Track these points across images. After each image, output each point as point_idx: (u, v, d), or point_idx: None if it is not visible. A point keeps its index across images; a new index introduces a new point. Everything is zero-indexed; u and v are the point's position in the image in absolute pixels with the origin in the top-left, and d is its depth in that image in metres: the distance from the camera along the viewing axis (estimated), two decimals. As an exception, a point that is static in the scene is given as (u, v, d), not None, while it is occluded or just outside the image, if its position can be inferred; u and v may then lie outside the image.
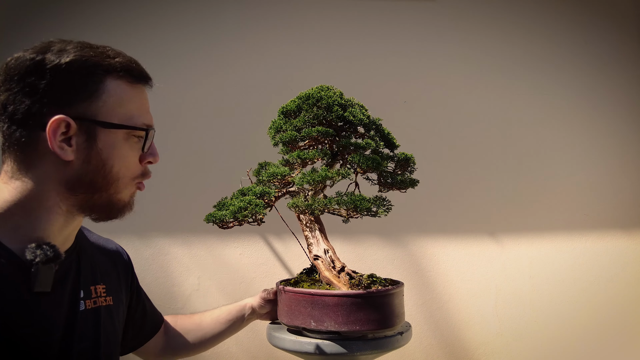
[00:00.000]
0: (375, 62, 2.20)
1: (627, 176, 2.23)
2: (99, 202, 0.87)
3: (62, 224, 0.87)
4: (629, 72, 2.27)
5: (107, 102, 0.84)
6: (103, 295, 0.98)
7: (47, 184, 0.83)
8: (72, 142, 0.82)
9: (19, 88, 0.80)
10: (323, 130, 1.20)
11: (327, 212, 1.17)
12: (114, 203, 0.88)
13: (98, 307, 0.95)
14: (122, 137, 0.86)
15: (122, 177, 0.87)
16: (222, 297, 2.06)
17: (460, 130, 2.20)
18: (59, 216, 0.85)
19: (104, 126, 0.83)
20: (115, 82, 0.85)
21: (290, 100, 1.28)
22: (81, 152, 0.82)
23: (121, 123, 0.85)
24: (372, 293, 1.14)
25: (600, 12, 2.28)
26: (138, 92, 0.90)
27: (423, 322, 2.12)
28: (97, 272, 1.00)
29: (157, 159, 0.94)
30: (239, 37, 2.16)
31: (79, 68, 0.82)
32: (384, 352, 1.17)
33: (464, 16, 2.24)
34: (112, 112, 0.84)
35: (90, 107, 0.82)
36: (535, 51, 2.24)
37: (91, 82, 0.83)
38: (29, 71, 0.80)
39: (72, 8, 2.09)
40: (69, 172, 0.83)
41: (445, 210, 2.16)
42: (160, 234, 2.04)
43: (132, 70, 0.88)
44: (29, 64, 0.80)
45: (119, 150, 0.86)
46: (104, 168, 0.84)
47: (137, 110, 0.88)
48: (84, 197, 0.85)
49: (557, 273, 2.17)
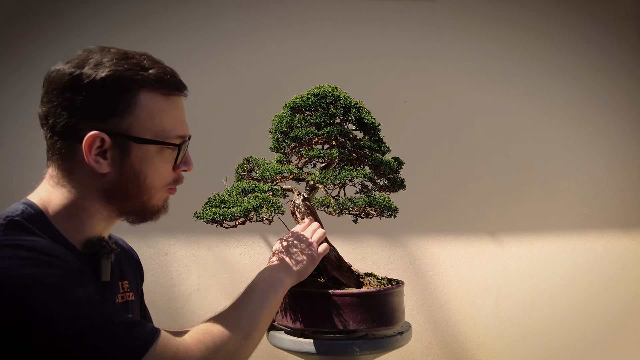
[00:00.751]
0: (375, 62, 2.20)
1: (627, 176, 2.23)
2: (134, 208, 0.92)
3: (104, 227, 0.93)
4: (629, 71, 2.27)
5: (139, 117, 0.87)
6: (127, 290, 1.03)
7: (87, 192, 0.88)
8: (107, 156, 0.86)
9: (58, 102, 0.85)
10: (346, 131, 1.21)
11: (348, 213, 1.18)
12: (148, 209, 0.93)
13: (126, 302, 1.01)
14: (154, 150, 0.89)
15: (155, 186, 0.92)
16: (222, 297, 2.06)
17: (460, 130, 2.20)
18: (101, 220, 0.91)
19: (137, 141, 0.87)
20: (149, 95, 0.88)
21: (302, 96, 1.25)
22: (115, 164, 0.87)
23: (153, 138, 0.88)
24: (388, 290, 1.15)
25: (600, 11, 2.28)
26: (172, 104, 0.92)
27: (423, 322, 2.12)
28: (122, 268, 1.05)
29: (190, 168, 0.98)
30: (238, 37, 2.16)
31: (112, 83, 0.85)
32: (384, 352, 1.17)
33: (464, 16, 2.24)
34: (144, 127, 0.87)
35: (123, 122, 0.86)
36: (535, 51, 2.24)
37: (124, 97, 0.86)
38: (67, 86, 0.84)
39: (73, 7, 2.09)
40: (105, 183, 0.88)
41: (446, 210, 2.16)
42: (161, 234, 2.04)
43: (166, 82, 0.90)
44: (67, 79, 0.84)
45: (151, 163, 0.89)
46: (137, 179, 0.89)
47: (170, 123, 0.91)
48: (121, 205, 0.91)
49: (557, 273, 2.17)
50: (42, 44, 2.03)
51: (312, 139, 1.23)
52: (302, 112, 1.26)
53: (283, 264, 1.08)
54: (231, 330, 0.89)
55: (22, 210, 0.83)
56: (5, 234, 0.77)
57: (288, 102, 1.27)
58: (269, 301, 1.00)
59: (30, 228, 0.81)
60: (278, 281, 1.04)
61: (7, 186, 2.00)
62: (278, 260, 1.10)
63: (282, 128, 1.25)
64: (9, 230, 0.78)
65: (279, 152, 1.29)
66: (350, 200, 1.16)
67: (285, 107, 1.27)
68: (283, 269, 1.07)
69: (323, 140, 1.24)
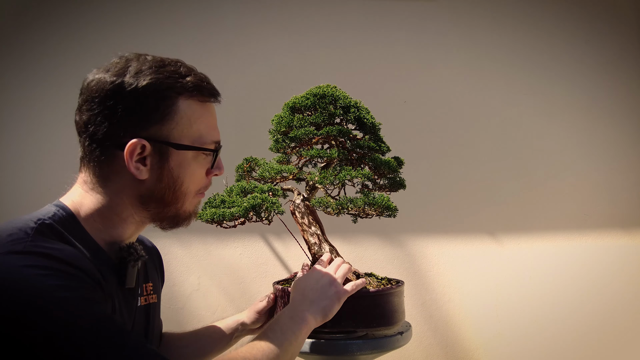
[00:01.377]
0: (375, 62, 2.20)
1: (627, 176, 2.23)
2: (168, 214, 0.93)
3: (133, 231, 0.95)
4: (629, 72, 2.27)
5: (179, 124, 0.89)
6: (151, 293, 1.03)
7: (123, 198, 0.89)
8: (147, 162, 0.88)
9: (99, 110, 0.86)
10: (345, 130, 1.20)
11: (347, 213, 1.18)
12: (181, 214, 0.95)
13: (148, 305, 1.01)
14: (191, 155, 0.91)
15: (190, 192, 0.93)
16: (222, 297, 2.06)
17: (460, 130, 2.20)
18: (132, 225, 0.93)
19: (176, 147, 0.89)
20: (187, 102, 0.90)
21: (302, 96, 1.26)
22: (154, 171, 0.88)
23: (191, 144, 0.90)
24: (388, 290, 1.15)
25: (600, 12, 2.28)
26: (207, 110, 0.95)
27: (423, 322, 2.12)
28: (147, 270, 1.05)
29: (222, 172, 0.99)
30: (238, 36, 2.16)
31: (154, 92, 0.86)
32: (384, 352, 1.17)
33: (464, 16, 2.24)
34: (183, 133, 0.89)
35: (163, 129, 0.88)
36: (536, 51, 2.24)
37: (165, 105, 0.88)
38: (109, 95, 0.85)
39: (73, 7, 2.09)
40: (142, 189, 0.89)
41: (445, 210, 2.16)
42: (161, 234, 2.03)
43: (203, 89, 0.93)
44: (109, 88, 0.85)
45: (188, 168, 0.91)
46: (174, 185, 0.90)
47: (206, 129, 0.93)
48: (156, 211, 0.92)
49: (557, 273, 2.17)
50: (41, 43, 2.04)
51: (312, 139, 1.23)
52: (302, 112, 1.26)
53: (307, 301, 1.04)
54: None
55: (54, 213, 0.84)
56: (35, 239, 0.76)
57: (287, 102, 1.27)
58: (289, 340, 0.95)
59: (61, 232, 0.81)
60: (302, 321, 1.00)
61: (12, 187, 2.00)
62: (302, 296, 1.05)
63: (281, 128, 1.25)
64: (39, 235, 0.78)
65: (279, 152, 1.29)
66: (349, 200, 1.16)
67: (284, 107, 1.27)
68: (307, 307, 1.03)
69: (322, 140, 1.24)
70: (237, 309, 2.04)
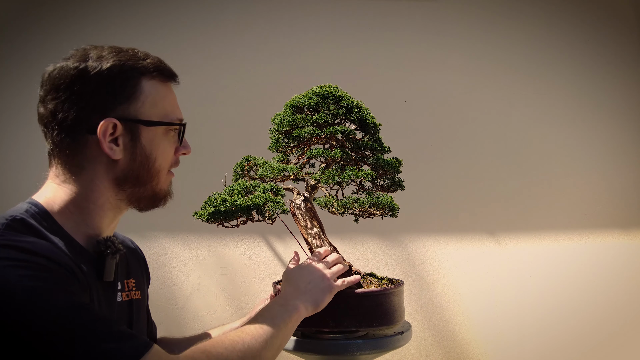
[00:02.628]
0: (375, 62, 2.20)
1: (627, 176, 2.23)
2: (145, 194, 0.95)
3: (111, 218, 0.95)
4: (629, 72, 2.27)
5: (145, 102, 0.92)
6: (133, 289, 1.03)
7: (98, 184, 0.90)
8: (119, 142, 0.89)
9: (66, 96, 0.87)
10: (348, 130, 1.20)
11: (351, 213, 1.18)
12: (157, 193, 0.97)
13: (131, 300, 1.01)
14: (161, 132, 0.94)
15: (162, 169, 0.96)
16: (222, 297, 2.06)
17: (460, 130, 2.20)
18: (109, 211, 0.93)
19: (146, 124, 0.91)
20: (150, 83, 0.93)
21: (304, 96, 1.25)
22: (127, 150, 0.90)
23: (160, 120, 0.93)
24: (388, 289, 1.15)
25: (600, 12, 2.28)
26: (169, 90, 0.98)
27: (423, 322, 2.12)
28: (129, 266, 1.05)
29: (189, 151, 1.01)
30: (238, 36, 2.16)
31: (118, 72, 0.89)
32: (383, 351, 1.17)
33: (464, 16, 2.24)
34: (151, 111, 0.92)
35: (130, 108, 0.90)
36: (536, 51, 2.24)
37: (129, 84, 0.90)
38: (75, 80, 0.87)
39: (73, 7, 2.09)
40: (117, 170, 0.90)
41: (446, 210, 2.16)
42: (161, 234, 2.04)
43: (163, 69, 0.96)
44: (74, 73, 0.87)
45: (160, 145, 0.94)
46: (147, 163, 0.92)
47: (171, 107, 0.97)
48: (132, 191, 0.93)
49: (557, 273, 2.17)
50: (40, 43, 2.04)
51: (313, 139, 1.22)
52: (303, 112, 1.25)
53: (299, 292, 1.04)
54: (231, 354, 0.85)
55: (26, 209, 0.85)
56: (4, 234, 0.77)
57: (289, 101, 1.26)
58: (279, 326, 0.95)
59: (34, 227, 0.82)
60: (293, 309, 1.00)
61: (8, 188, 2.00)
62: (294, 287, 1.06)
63: (283, 127, 1.25)
64: (10, 230, 0.79)
65: (278, 152, 1.29)
66: (354, 200, 1.16)
67: (286, 106, 1.27)
68: (298, 297, 1.03)
69: (324, 140, 1.24)
70: (237, 308, 2.05)
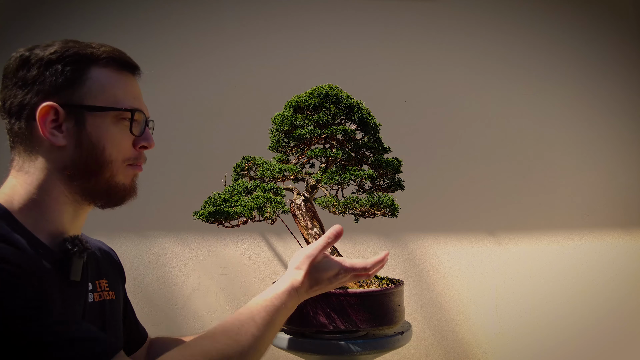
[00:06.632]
0: (375, 62, 2.20)
1: (627, 176, 2.23)
2: (98, 187, 0.90)
3: (72, 214, 0.91)
4: (629, 72, 2.27)
5: (91, 88, 0.88)
6: (106, 289, 1.01)
7: (48, 173, 0.87)
8: (63, 128, 0.87)
9: (12, 83, 0.87)
10: (349, 130, 1.20)
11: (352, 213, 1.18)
12: (113, 187, 0.92)
13: (103, 301, 0.98)
14: (110, 120, 0.90)
15: (114, 159, 0.90)
16: (222, 297, 2.06)
17: (460, 130, 2.20)
18: (67, 206, 0.90)
19: (90, 110, 0.88)
20: (100, 70, 0.90)
21: (305, 96, 1.25)
22: (72, 137, 0.87)
23: (107, 106, 0.89)
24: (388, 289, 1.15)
25: (600, 12, 2.28)
26: (124, 79, 0.93)
27: (423, 322, 2.12)
28: (100, 267, 1.03)
29: (151, 144, 0.96)
30: (238, 36, 2.16)
31: (60, 57, 0.87)
32: (384, 351, 1.17)
33: (464, 16, 2.24)
34: (97, 97, 0.89)
35: (75, 94, 0.87)
36: (535, 51, 2.24)
37: (75, 70, 0.88)
38: (19, 66, 0.87)
39: (73, 6, 2.09)
40: (63, 158, 0.87)
41: (446, 210, 2.16)
42: (161, 234, 2.04)
43: (117, 58, 0.92)
44: (19, 59, 0.87)
45: (108, 133, 0.89)
46: (95, 151, 0.88)
47: (123, 95, 0.91)
48: (83, 183, 0.89)
49: (557, 273, 2.17)
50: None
51: (313, 139, 1.22)
52: (304, 112, 1.25)
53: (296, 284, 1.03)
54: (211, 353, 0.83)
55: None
56: None
57: (290, 101, 1.26)
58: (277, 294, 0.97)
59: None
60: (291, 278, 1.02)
61: None
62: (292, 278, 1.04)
63: (284, 127, 1.24)
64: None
65: (278, 152, 1.29)
66: (355, 200, 1.16)
67: (286, 106, 1.26)
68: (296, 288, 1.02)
69: (324, 140, 1.24)
70: (237, 309, 2.04)
